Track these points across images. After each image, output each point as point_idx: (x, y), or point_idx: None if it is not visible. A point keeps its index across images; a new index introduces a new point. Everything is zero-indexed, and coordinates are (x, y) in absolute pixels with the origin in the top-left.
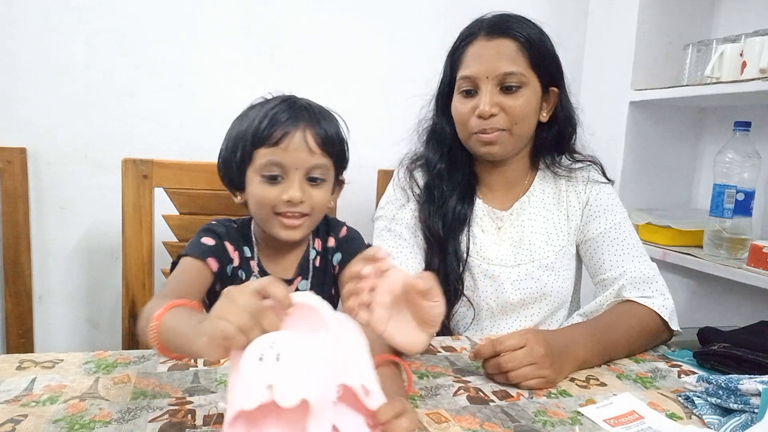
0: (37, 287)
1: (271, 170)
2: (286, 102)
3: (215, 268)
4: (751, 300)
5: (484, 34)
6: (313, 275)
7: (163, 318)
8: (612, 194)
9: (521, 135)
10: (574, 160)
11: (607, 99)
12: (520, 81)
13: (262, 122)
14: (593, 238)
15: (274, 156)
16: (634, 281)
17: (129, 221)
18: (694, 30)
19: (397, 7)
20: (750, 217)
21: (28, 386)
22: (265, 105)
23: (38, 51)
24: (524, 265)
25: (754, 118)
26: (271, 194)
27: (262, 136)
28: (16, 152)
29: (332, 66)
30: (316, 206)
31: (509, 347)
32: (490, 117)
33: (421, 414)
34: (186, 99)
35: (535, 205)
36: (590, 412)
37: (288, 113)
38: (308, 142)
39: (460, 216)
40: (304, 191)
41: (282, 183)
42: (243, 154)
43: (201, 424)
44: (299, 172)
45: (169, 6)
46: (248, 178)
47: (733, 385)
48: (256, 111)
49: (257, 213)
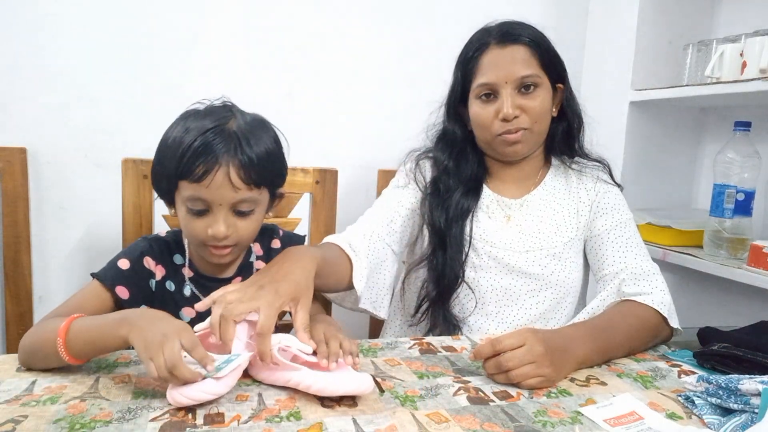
0: (37, 287)
1: (195, 205)
2: (211, 130)
3: (125, 296)
4: (751, 300)
5: (496, 43)
6: None
7: (66, 331)
8: (619, 195)
9: (541, 132)
10: (587, 159)
11: (607, 99)
12: (535, 82)
13: (185, 155)
14: (598, 235)
15: (197, 192)
16: (634, 276)
17: (129, 221)
18: (694, 30)
19: (398, 8)
20: (750, 217)
21: (28, 387)
22: (190, 130)
23: (38, 51)
24: (532, 252)
25: (754, 118)
26: (196, 227)
27: (184, 171)
28: (16, 152)
29: (332, 66)
30: (244, 236)
31: (508, 346)
32: (513, 119)
33: (422, 414)
34: (186, 99)
35: (545, 197)
36: (590, 412)
37: (211, 145)
38: (231, 178)
39: (463, 209)
40: (229, 226)
41: (208, 216)
42: (169, 182)
43: (201, 424)
44: (223, 208)
45: (169, 6)
46: (177, 202)
47: (733, 385)
48: (180, 134)
49: (187, 236)
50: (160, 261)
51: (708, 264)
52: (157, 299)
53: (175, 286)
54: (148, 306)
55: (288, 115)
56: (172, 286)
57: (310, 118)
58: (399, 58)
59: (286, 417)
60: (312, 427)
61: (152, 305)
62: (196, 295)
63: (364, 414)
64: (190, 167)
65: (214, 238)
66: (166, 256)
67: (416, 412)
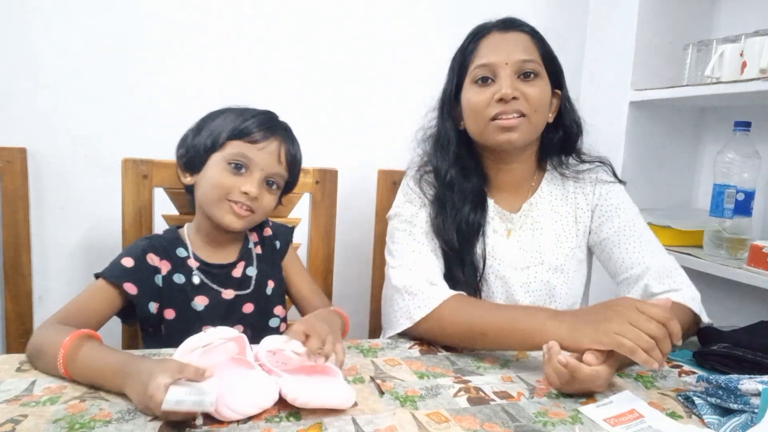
0: (37, 287)
1: (239, 160)
2: (269, 114)
3: (134, 291)
4: (751, 300)
5: (498, 29)
6: (259, 262)
7: (69, 347)
8: (621, 192)
9: (537, 125)
10: (582, 161)
11: (607, 99)
12: (535, 70)
13: (247, 120)
14: (608, 238)
15: (247, 150)
16: (659, 276)
17: (129, 221)
18: (694, 30)
19: (398, 8)
20: (750, 217)
21: (28, 387)
22: (248, 109)
23: (38, 51)
24: (533, 268)
25: (754, 118)
26: (230, 181)
27: (242, 131)
28: (16, 152)
29: (332, 66)
30: (264, 208)
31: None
32: (512, 100)
33: (422, 414)
34: (186, 99)
35: (543, 207)
36: (590, 412)
37: (273, 121)
38: (280, 153)
39: (474, 224)
40: (259, 190)
41: (243, 175)
42: (215, 140)
43: (201, 424)
44: (262, 173)
45: (169, 6)
46: (211, 161)
47: (733, 385)
48: (236, 112)
49: (208, 194)
50: (164, 256)
51: (708, 264)
52: (164, 294)
53: (184, 278)
54: (156, 302)
55: (288, 115)
56: (181, 278)
57: (310, 118)
58: (399, 58)
59: (285, 417)
60: (311, 427)
61: (161, 301)
62: (205, 283)
63: (364, 414)
64: (251, 130)
65: (245, 194)
66: (170, 251)
67: (416, 412)
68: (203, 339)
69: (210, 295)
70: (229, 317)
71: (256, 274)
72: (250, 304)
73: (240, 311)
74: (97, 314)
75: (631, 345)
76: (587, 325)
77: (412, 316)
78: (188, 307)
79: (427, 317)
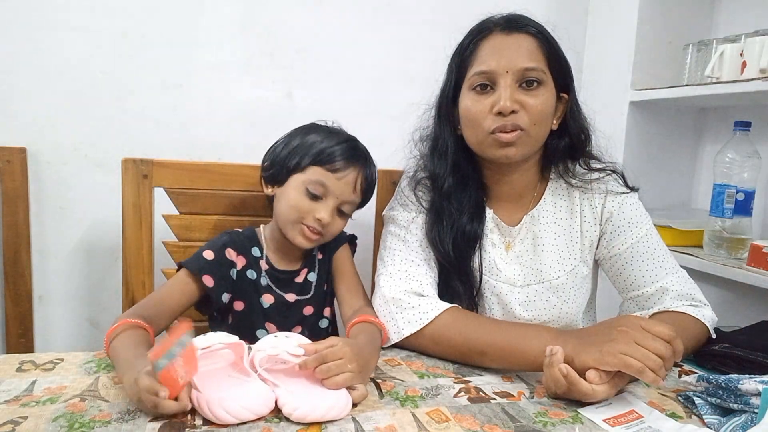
0: (37, 287)
1: (317, 189)
2: (352, 143)
3: (210, 284)
4: (751, 300)
5: (501, 29)
6: (319, 267)
7: (110, 335)
8: (635, 204)
9: (538, 138)
10: (590, 169)
11: (607, 99)
12: (539, 78)
13: (331, 148)
14: (620, 254)
15: (326, 179)
16: (679, 297)
17: (129, 221)
18: (694, 30)
19: (398, 7)
20: (750, 217)
21: (28, 387)
22: (333, 134)
23: (38, 51)
24: (533, 286)
25: (754, 118)
26: (306, 206)
27: (325, 159)
28: (16, 152)
29: (332, 66)
30: (333, 232)
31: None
32: (510, 114)
33: (422, 413)
34: (186, 99)
35: (545, 220)
36: (590, 412)
37: (355, 151)
38: (357, 183)
39: (471, 236)
40: (332, 217)
41: (319, 202)
42: (299, 162)
43: (201, 424)
44: (336, 201)
45: (169, 6)
46: (291, 181)
47: (733, 385)
48: (323, 135)
49: (285, 213)
50: (241, 252)
51: (708, 264)
52: (237, 287)
53: (255, 275)
54: (229, 294)
55: (288, 116)
56: (254, 274)
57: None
58: (399, 58)
59: (284, 417)
60: (311, 426)
61: (233, 293)
62: (270, 286)
63: (364, 413)
64: (333, 158)
65: (318, 221)
66: (247, 248)
67: (416, 411)
68: (203, 342)
69: (275, 296)
70: (291, 318)
71: (316, 279)
72: (310, 306)
73: (301, 313)
74: (177, 304)
75: (639, 365)
76: (592, 346)
77: (401, 330)
78: (257, 302)
79: (418, 334)
